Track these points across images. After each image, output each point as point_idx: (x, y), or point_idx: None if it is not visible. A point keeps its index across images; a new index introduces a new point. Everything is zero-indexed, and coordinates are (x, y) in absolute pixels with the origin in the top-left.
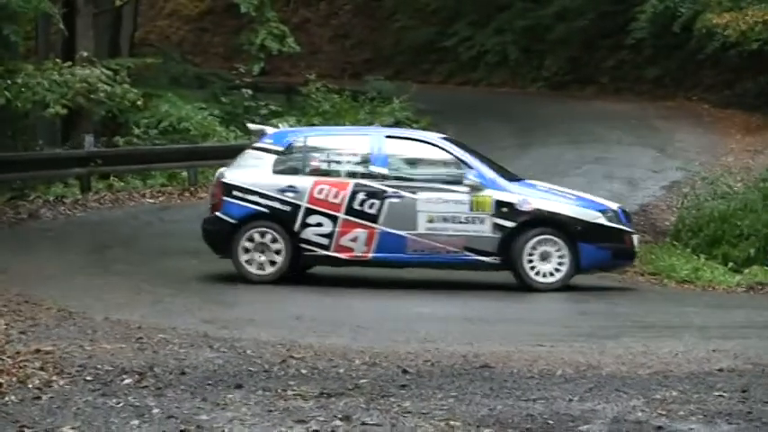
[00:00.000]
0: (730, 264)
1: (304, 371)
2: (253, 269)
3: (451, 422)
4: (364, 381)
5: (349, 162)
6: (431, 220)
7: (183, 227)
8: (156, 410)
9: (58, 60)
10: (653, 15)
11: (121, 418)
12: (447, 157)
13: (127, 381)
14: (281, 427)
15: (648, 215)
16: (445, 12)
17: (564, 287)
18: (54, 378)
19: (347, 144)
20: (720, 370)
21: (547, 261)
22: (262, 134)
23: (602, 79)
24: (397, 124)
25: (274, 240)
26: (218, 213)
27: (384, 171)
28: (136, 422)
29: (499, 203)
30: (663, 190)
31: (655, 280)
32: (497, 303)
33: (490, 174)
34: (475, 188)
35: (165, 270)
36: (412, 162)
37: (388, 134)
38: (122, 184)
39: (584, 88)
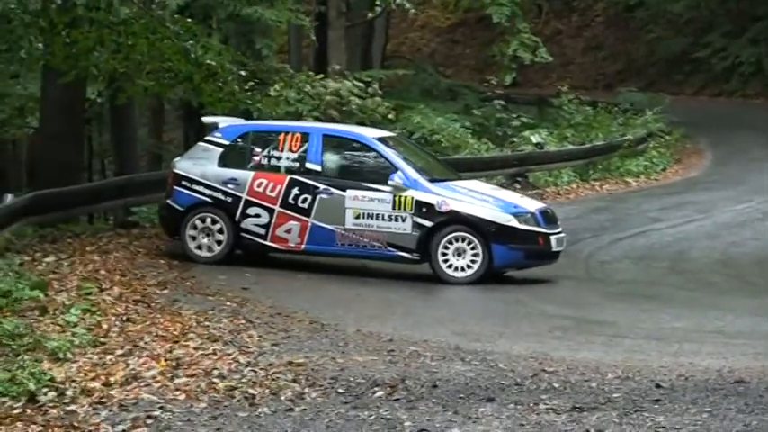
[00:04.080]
0: None
1: (556, 384)
2: (198, 251)
3: None
4: (617, 395)
5: (287, 158)
6: (357, 216)
7: None
8: (407, 423)
9: (310, 73)
10: None
11: (373, 430)
12: (376, 156)
13: (379, 393)
14: None
15: None
16: (699, 22)
17: None
18: (306, 390)
19: (287, 140)
20: None
21: (461, 257)
22: (214, 128)
23: None
24: (650, 136)
25: (218, 227)
26: (169, 201)
27: (318, 168)
28: None
29: (419, 203)
30: None
31: None
32: (752, 318)
33: (413, 175)
34: (398, 188)
35: (414, 283)
36: (344, 160)
37: (325, 132)
38: None
39: None
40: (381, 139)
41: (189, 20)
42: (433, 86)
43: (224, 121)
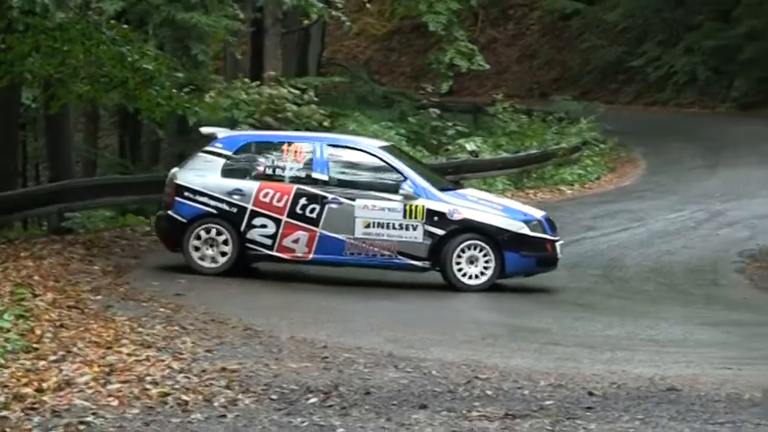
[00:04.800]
0: None
1: (489, 392)
2: (202, 262)
3: None
4: (549, 402)
5: (292, 168)
6: (367, 225)
7: None
8: (340, 430)
9: (246, 80)
10: None
11: None
12: (384, 165)
13: (312, 400)
14: None
15: None
16: (633, 31)
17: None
18: (239, 396)
19: (291, 150)
20: None
21: (474, 265)
22: (213, 138)
23: None
24: (584, 145)
25: (223, 239)
26: (169, 212)
27: (325, 177)
28: None
29: (431, 212)
30: None
31: None
32: (685, 326)
33: (423, 183)
34: (408, 197)
35: (348, 289)
36: (351, 169)
37: (329, 142)
38: None
39: None
40: (387, 148)
41: (125, 26)
42: (369, 94)
43: (222, 132)
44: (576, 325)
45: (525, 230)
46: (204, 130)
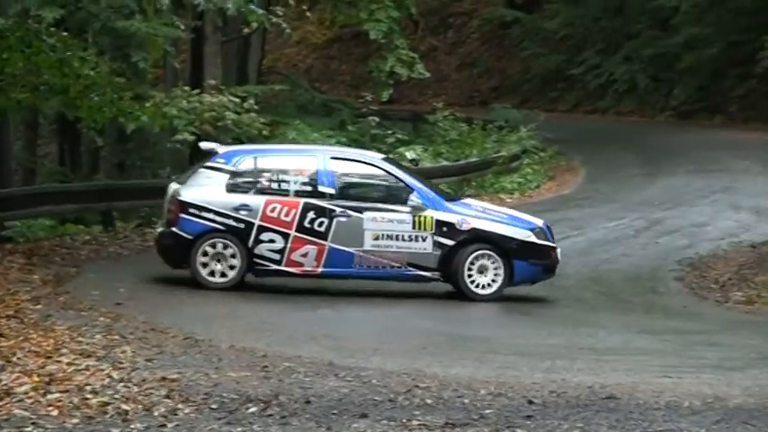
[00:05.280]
0: None
1: (429, 401)
2: (211, 278)
3: None
4: (489, 411)
5: (297, 182)
6: (376, 238)
7: None
8: None
9: (186, 88)
10: None
11: None
12: (389, 177)
13: (252, 409)
14: None
15: None
16: (573, 39)
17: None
18: (179, 406)
19: (295, 164)
20: None
21: (483, 274)
22: (213, 153)
23: (731, 108)
24: (524, 153)
25: (231, 254)
26: (174, 229)
27: (331, 191)
28: None
29: (439, 223)
30: None
31: None
32: (624, 335)
33: (431, 194)
34: (417, 208)
35: (290, 298)
36: (357, 182)
37: (332, 155)
38: None
39: (713, 117)
40: (389, 160)
41: (65, 33)
42: (309, 102)
43: (222, 147)
44: (515, 333)
45: (533, 238)
46: (204, 145)
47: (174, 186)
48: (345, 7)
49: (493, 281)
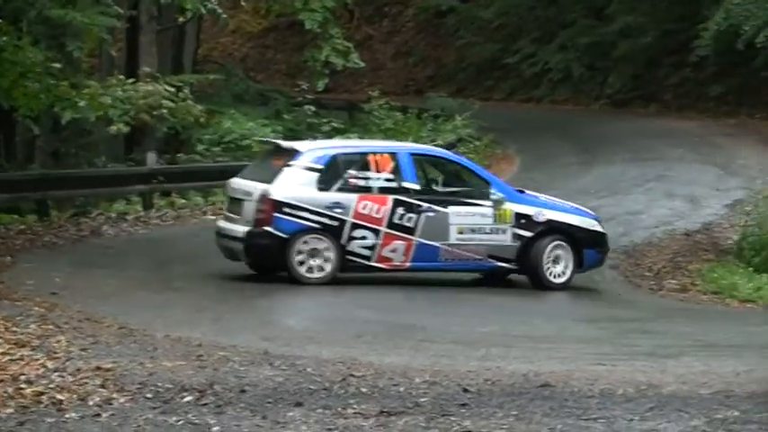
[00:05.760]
0: None
1: (364, 389)
2: (309, 274)
3: None
4: (424, 399)
5: (381, 179)
6: (460, 231)
7: None
8: (215, 428)
9: (121, 77)
10: (716, 33)
11: None
12: (465, 172)
13: (187, 398)
14: None
15: (711, 234)
16: (508, 28)
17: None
18: (114, 395)
19: (378, 161)
20: None
21: (557, 264)
22: (294, 152)
23: (666, 96)
24: (459, 141)
25: (325, 251)
26: (268, 228)
27: (416, 186)
28: None
29: (518, 215)
30: (725, 208)
31: (717, 299)
32: (559, 323)
33: (508, 189)
34: (498, 202)
35: (226, 287)
36: (437, 177)
37: (412, 151)
38: (184, 201)
39: (648, 105)
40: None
41: None
42: (244, 91)
43: (304, 145)
44: (451, 321)
45: (599, 228)
46: (284, 144)
47: (262, 186)
48: None
49: (564, 270)
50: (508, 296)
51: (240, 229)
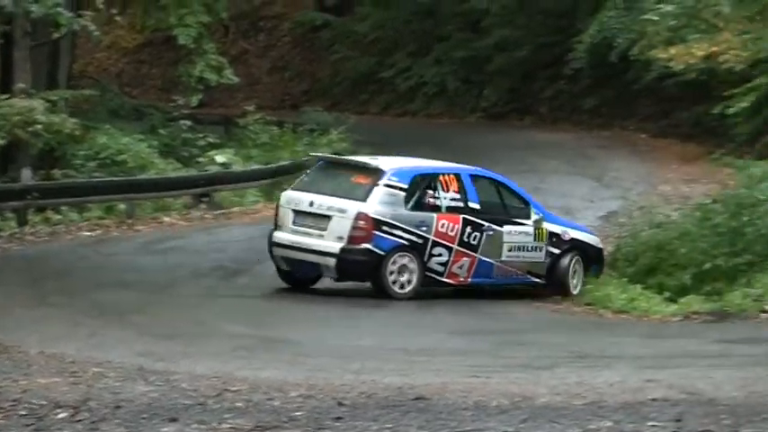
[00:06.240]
0: (666, 293)
1: (239, 404)
2: (400, 290)
3: None
4: (300, 413)
5: (448, 198)
6: (510, 249)
7: (120, 260)
8: None
9: None
10: (590, 46)
11: None
12: (511, 193)
13: (61, 415)
14: None
15: None
16: (384, 42)
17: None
18: None
19: (447, 181)
20: (654, 400)
21: (573, 278)
22: (379, 171)
23: (541, 109)
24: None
25: (411, 266)
26: (367, 245)
27: (478, 207)
28: None
29: (551, 234)
30: (599, 220)
31: (591, 310)
32: (435, 336)
33: (542, 208)
34: (538, 222)
35: (101, 303)
36: (491, 198)
37: (470, 172)
38: (59, 217)
39: (523, 118)
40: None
41: None
42: (120, 107)
43: (386, 164)
44: (326, 335)
45: (600, 244)
46: (368, 161)
47: (356, 204)
48: (155, 11)
49: (577, 283)
50: (386, 310)
51: (329, 245)
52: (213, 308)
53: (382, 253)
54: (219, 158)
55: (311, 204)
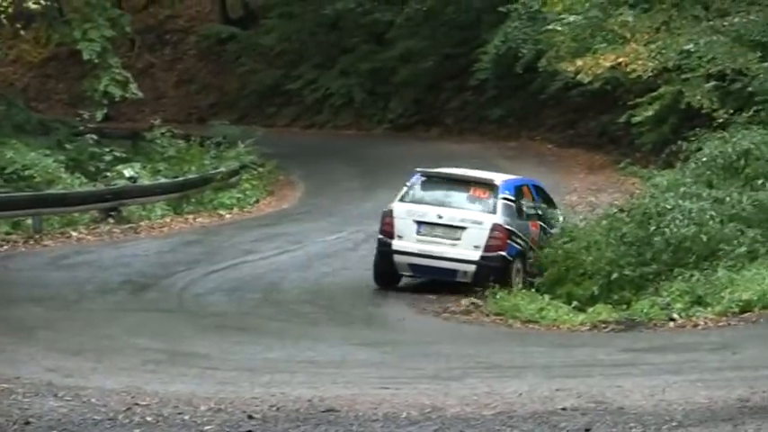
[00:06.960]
0: (574, 302)
1: (149, 418)
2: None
3: None
4: (209, 427)
5: (528, 206)
6: None
7: (28, 275)
8: None
9: None
10: (495, 57)
11: None
12: (550, 200)
13: None
14: None
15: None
16: (290, 55)
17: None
18: None
19: (525, 191)
20: (564, 409)
21: None
22: (494, 185)
23: (447, 120)
24: (243, 168)
25: (519, 267)
26: (502, 253)
27: (541, 213)
28: None
29: None
30: None
31: (500, 320)
32: (343, 347)
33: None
34: (562, 225)
35: (8, 319)
36: (543, 205)
37: (533, 183)
38: None
39: (429, 129)
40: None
41: None
42: (26, 121)
43: (497, 178)
44: (235, 349)
45: None
46: (486, 176)
47: (492, 216)
48: (59, 26)
49: None
50: (292, 323)
51: (467, 253)
52: (122, 322)
53: (510, 258)
54: (127, 172)
55: (440, 216)
